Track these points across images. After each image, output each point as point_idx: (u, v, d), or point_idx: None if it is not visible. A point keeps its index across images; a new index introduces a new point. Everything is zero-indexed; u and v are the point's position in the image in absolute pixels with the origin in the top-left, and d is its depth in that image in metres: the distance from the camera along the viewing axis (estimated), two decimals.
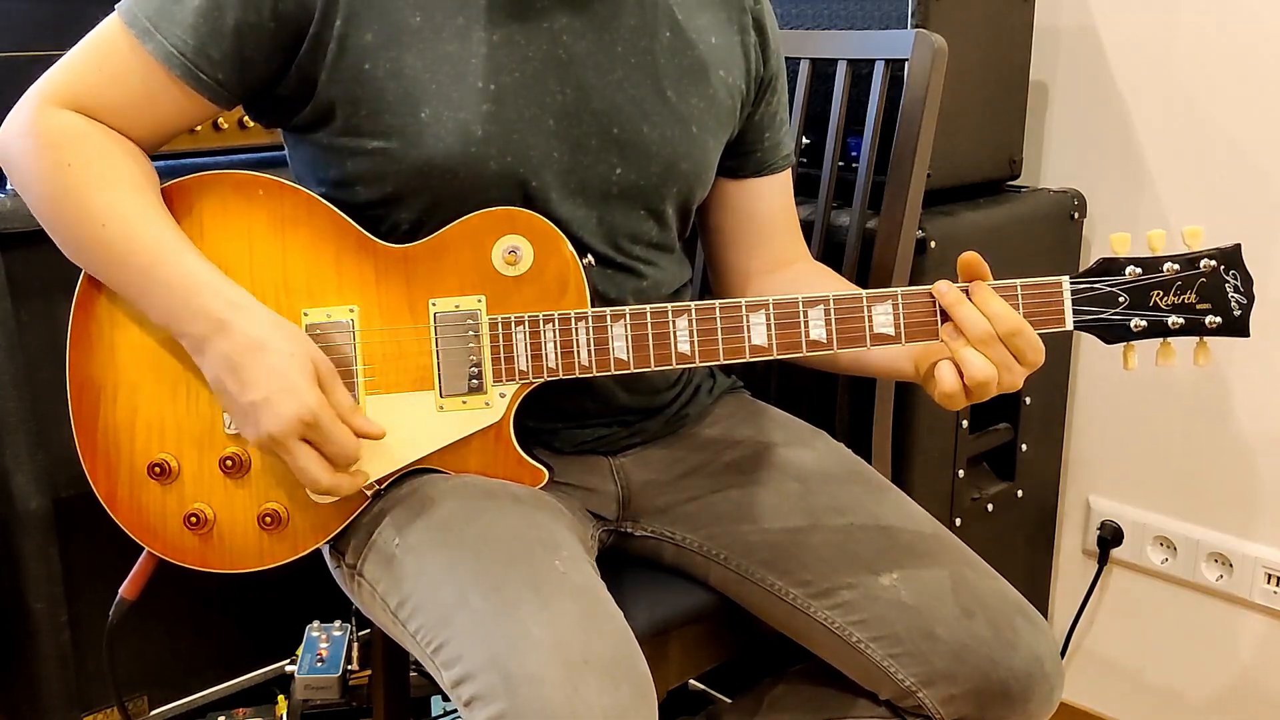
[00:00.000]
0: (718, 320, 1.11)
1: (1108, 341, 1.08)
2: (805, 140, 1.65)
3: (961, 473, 1.75)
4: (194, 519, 1.14)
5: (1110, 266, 1.07)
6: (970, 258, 1.07)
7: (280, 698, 1.73)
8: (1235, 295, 1.06)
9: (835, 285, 1.32)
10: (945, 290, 1.07)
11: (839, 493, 1.24)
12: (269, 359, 1.04)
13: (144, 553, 1.18)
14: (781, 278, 1.34)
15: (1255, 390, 1.75)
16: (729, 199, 1.33)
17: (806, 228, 1.60)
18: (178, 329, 1.08)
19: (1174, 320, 1.07)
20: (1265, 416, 1.75)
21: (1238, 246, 1.06)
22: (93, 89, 1.09)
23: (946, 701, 1.14)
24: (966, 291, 1.07)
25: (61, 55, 1.12)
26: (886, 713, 1.19)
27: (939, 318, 1.08)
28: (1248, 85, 1.68)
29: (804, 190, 1.64)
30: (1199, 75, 1.72)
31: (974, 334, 1.05)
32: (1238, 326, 1.06)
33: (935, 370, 1.07)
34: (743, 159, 1.32)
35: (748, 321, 1.10)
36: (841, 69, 1.56)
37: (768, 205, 1.35)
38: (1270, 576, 1.76)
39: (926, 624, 1.14)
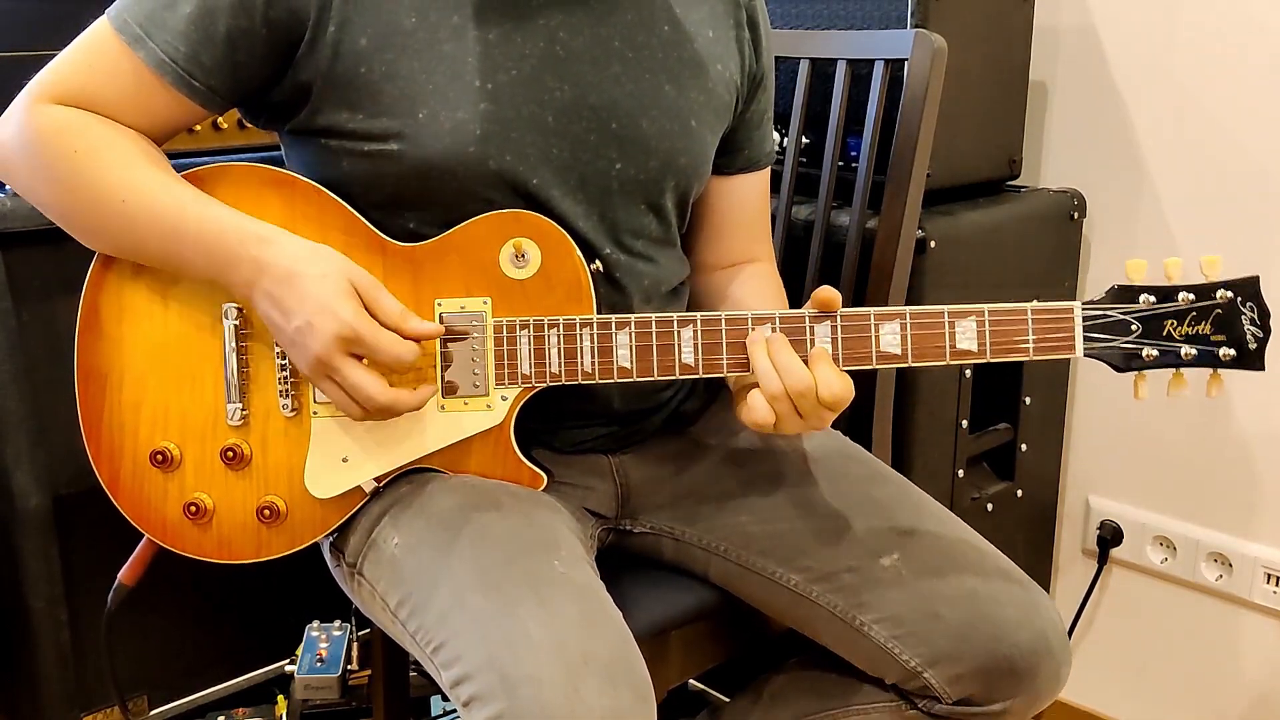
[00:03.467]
0: (723, 333, 1.10)
1: (1119, 370, 1.06)
2: (805, 140, 1.65)
3: (961, 473, 1.74)
4: (193, 508, 1.15)
5: (1124, 294, 1.05)
6: (824, 296, 1.08)
7: (280, 698, 1.73)
8: (1251, 328, 1.03)
9: (766, 302, 1.30)
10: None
11: (836, 476, 1.25)
12: (302, 285, 1.04)
13: (144, 539, 1.18)
14: (724, 276, 1.34)
15: (1255, 390, 1.75)
16: (710, 195, 1.33)
17: (806, 228, 1.61)
18: (225, 281, 1.08)
19: (1187, 351, 1.05)
20: (1265, 416, 1.75)
21: (1256, 279, 1.04)
22: (84, 89, 1.09)
23: (952, 681, 1.13)
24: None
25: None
26: (893, 697, 1.19)
27: (948, 340, 1.07)
28: (1247, 85, 1.68)
29: (804, 190, 1.64)
30: (1199, 75, 1.72)
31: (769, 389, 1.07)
32: (1252, 360, 1.04)
33: (748, 397, 1.09)
34: (732, 156, 1.32)
35: (753, 335, 1.10)
36: (841, 69, 1.56)
37: (740, 202, 1.35)
38: (1270, 576, 1.76)
39: (929, 604, 1.14)
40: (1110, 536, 1.92)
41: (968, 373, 1.71)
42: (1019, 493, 1.87)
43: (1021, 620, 1.12)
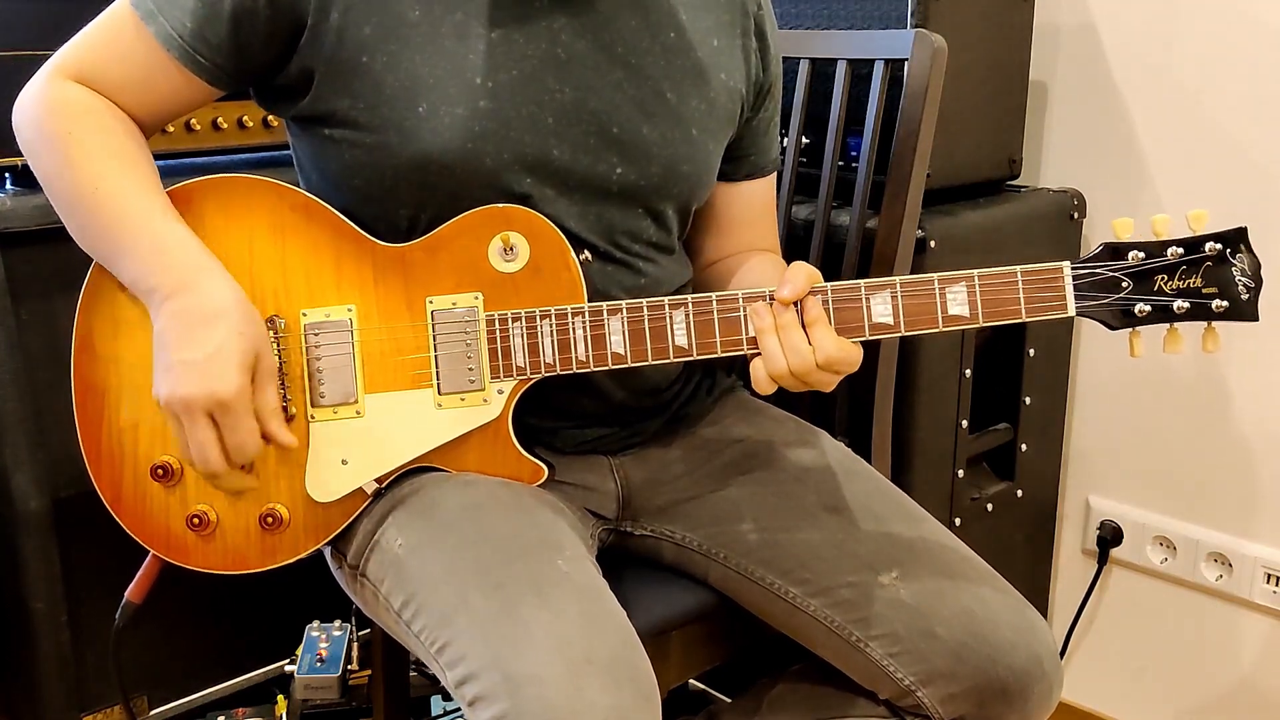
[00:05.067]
0: (714, 313, 1.11)
1: (1112, 327, 1.06)
2: (805, 140, 1.65)
3: (961, 473, 1.74)
4: (196, 520, 1.14)
5: (1113, 251, 1.06)
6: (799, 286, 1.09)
7: (280, 698, 1.72)
8: (1242, 279, 1.03)
9: (767, 278, 1.28)
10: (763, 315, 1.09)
11: (838, 491, 1.24)
12: (218, 331, 1.05)
13: (149, 556, 1.18)
14: (729, 263, 1.35)
15: (1255, 390, 1.75)
16: (714, 198, 1.33)
17: (806, 228, 1.61)
18: (146, 284, 1.08)
19: (1179, 305, 1.04)
20: (1265, 416, 1.75)
21: (1243, 229, 1.04)
22: (99, 65, 1.12)
23: (945, 700, 1.14)
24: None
25: None
26: (885, 712, 1.19)
27: (939, 306, 1.08)
28: (1248, 84, 1.68)
29: (804, 190, 1.64)
30: (1199, 75, 1.73)
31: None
32: (1245, 310, 1.04)
33: (751, 369, 1.10)
34: (737, 163, 1.32)
35: (744, 313, 1.10)
36: (841, 69, 1.56)
37: (746, 205, 1.36)
38: (1270, 576, 1.76)
39: (926, 623, 1.14)
40: (1110, 536, 1.92)
41: (968, 372, 1.71)
42: (1019, 493, 1.87)
43: (1017, 642, 1.13)
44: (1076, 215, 1.82)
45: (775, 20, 1.32)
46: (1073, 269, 1.06)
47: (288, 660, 1.67)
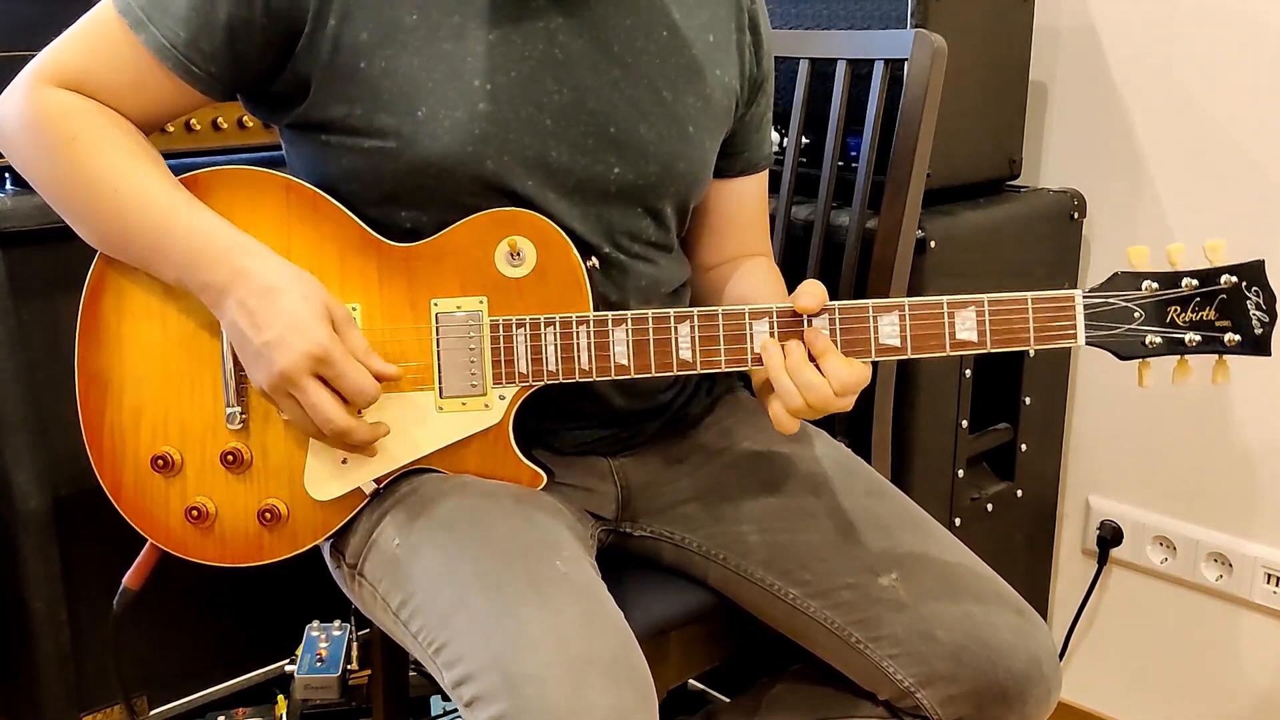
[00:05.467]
0: (720, 328, 1.10)
1: (1122, 358, 1.05)
2: (805, 140, 1.65)
3: (961, 473, 1.74)
4: (195, 512, 1.15)
5: (1126, 281, 1.04)
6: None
7: (280, 698, 1.73)
8: (1257, 313, 1.02)
9: (767, 294, 1.28)
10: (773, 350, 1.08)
11: (838, 492, 1.24)
12: (283, 301, 1.04)
13: (147, 543, 1.18)
14: (724, 271, 1.34)
15: (1255, 391, 1.75)
16: (708, 197, 1.33)
17: (806, 228, 1.61)
18: (197, 280, 1.08)
19: (1191, 338, 1.03)
20: (1265, 417, 1.75)
21: (1261, 263, 1.02)
22: (85, 71, 1.10)
23: (945, 702, 1.14)
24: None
25: None
26: (885, 713, 1.19)
27: (947, 331, 1.07)
28: (1248, 85, 1.68)
29: (804, 190, 1.64)
30: (1199, 75, 1.72)
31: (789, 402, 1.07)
32: (1259, 345, 1.03)
33: (770, 409, 1.09)
34: (731, 159, 1.32)
35: (751, 329, 1.10)
36: (841, 69, 1.56)
37: (739, 203, 1.35)
38: (1270, 576, 1.76)
39: (925, 625, 1.14)
40: (1110, 536, 1.92)
41: (968, 372, 1.71)
42: (1019, 493, 1.87)
43: (1016, 644, 1.13)
44: (1076, 215, 1.82)
45: (768, 15, 1.32)
46: (1084, 298, 1.04)
47: (288, 660, 1.67)
